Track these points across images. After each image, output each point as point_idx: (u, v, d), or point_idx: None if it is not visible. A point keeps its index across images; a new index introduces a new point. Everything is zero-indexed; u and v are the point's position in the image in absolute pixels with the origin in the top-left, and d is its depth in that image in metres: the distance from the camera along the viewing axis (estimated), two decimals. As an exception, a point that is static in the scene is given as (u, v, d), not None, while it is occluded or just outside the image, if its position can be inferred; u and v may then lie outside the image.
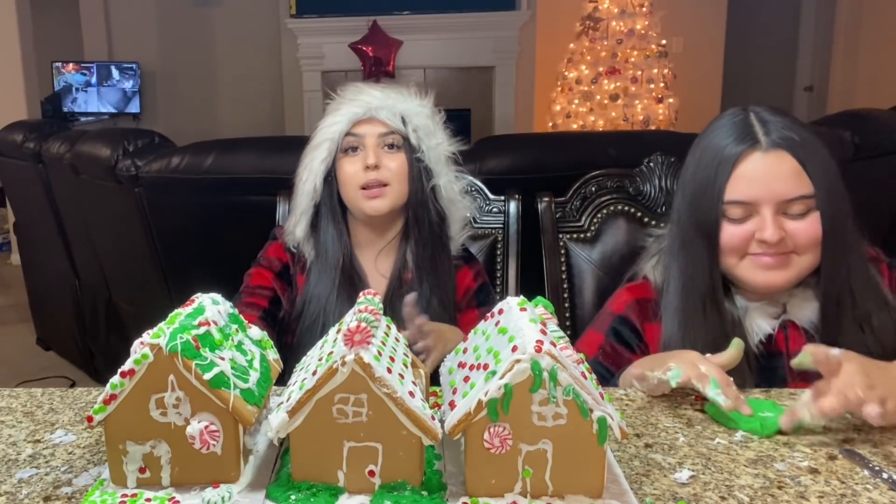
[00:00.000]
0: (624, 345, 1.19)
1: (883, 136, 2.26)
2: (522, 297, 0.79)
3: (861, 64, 5.62)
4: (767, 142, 1.06)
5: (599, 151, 2.03)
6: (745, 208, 1.06)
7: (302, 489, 0.70)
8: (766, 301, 1.12)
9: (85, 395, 1.00)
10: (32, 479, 0.78)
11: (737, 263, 1.09)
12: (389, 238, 1.38)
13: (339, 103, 1.36)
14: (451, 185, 1.37)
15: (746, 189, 1.06)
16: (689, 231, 1.12)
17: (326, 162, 1.33)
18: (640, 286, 1.22)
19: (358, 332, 0.68)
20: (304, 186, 1.35)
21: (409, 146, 1.33)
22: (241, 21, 6.21)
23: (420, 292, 1.31)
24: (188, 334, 0.71)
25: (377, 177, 1.30)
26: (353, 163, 1.32)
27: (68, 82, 6.10)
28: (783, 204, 1.05)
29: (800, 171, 1.05)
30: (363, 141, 1.32)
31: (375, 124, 1.32)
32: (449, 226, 1.38)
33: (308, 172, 1.34)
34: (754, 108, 1.10)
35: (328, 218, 1.35)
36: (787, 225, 1.05)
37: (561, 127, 5.10)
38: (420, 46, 5.89)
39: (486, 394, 0.67)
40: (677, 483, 0.76)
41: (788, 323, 1.11)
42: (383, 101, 1.33)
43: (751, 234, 1.06)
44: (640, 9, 4.96)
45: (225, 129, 6.05)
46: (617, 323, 1.20)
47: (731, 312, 1.11)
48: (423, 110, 1.36)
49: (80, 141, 2.54)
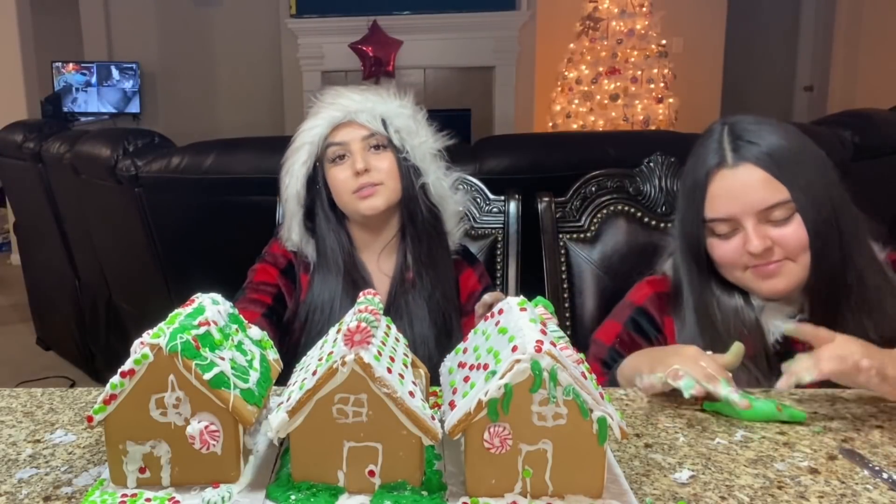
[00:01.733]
0: (642, 335, 1.21)
1: (883, 136, 2.26)
2: (522, 297, 0.79)
3: (861, 64, 5.62)
4: (733, 157, 1.09)
5: (599, 151, 2.03)
6: (728, 224, 1.10)
7: (302, 489, 0.70)
8: (782, 300, 1.13)
9: (85, 395, 1.00)
10: (32, 479, 0.78)
11: (741, 276, 1.12)
12: (388, 238, 1.39)
13: (318, 107, 1.37)
14: (440, 181, 1.37)
15: (723, 206, 1.09)
16: (682, 249, 1.17)
17: (307, 165, 1.34)
18: (660, 280, 1.25)
19: (358, 332, 0.68)
20: (288, 192, 1.35)
21: (395, 146, 1.34)
22: (241, 21, 6.21)
23: (421, 287, 1.33)
24: (188, 334, 0.71)
25: (369, 180, 1.31)
26: (343, 170, 1.32)
27: (68, 82, 6.10)
28: (762, 213, 1.08)
29: (769, 179, 1.07)
30: (349, 147, 1.32)
31: (356, 128, 1.32)
32: (444, 221, 1.38)
33: (290, 177, 1.35)
34: (730, 121, 1.14)
35: (325, 223, 1.36)
36: (773, 233, 1.08)
37: (561, 127, 5.10)
38: (420, 46, 5.89)
39: (486, 394, 0.67)
40: (677, 483, 0.76)
41: (806, 321, 1.11)
42: (362, 104, 1.33)
43: (740, 248, 1.09)
44: (640, 9, 4.96)
45: (225, 129, 6.05)
46: (636, 314, 1.23)
47: (746, 312, 1.13)
48: (403, 111, 1.36)
49: (80, 141, 2.54)
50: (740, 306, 1.13)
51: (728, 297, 1.14)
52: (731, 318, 1.13)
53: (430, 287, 1.34)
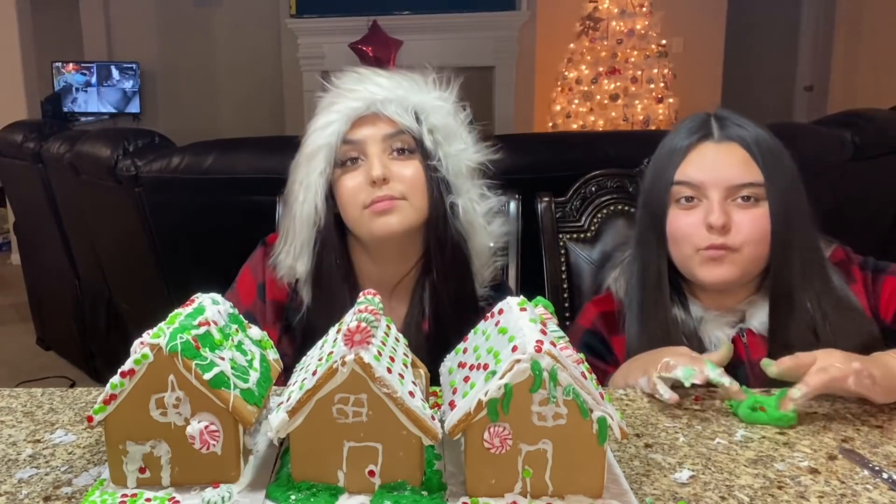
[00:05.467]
0: (597, 356, 1.19)
1: (883, 136, 2.26)
2: (522, 297, 0.79)
3: (861, 64, 5.62)
4: (720, 134, 1.10)
5: (599, 151, 2.03)
6: (694, 190, 1.09)
7: (302, 489, 0.70)
8: (723, 310, 1.13)
9: (85, 395, 1.00)
10: (32, 479, 0.78)
11: (691, 255, 1.10)
12: (403, 272, 1.10)
13: (334, 96, 1.07)
14: (473, 204, 1.08)
15: (695, 172, 1.09)
16: (644, 225, 1.16)
17: (326, 174, 1.05)
18: (603, 299, 1.24)
19: (358, 332, 0.68)
20: (301, 208, 1.06)
21: (424, 150, 1.05)
22: (241, 21, 6.21)
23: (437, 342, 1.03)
24: (188, 334, 0.71)
25: (387, 192, 1.02)
26: (355, 177, 1.04)
27: (68, 82, 6.10)
28: (731, 190, 1.07)
29: (749, 161, 1.08)
30: (364, 149, 1.04)
31: (380, 123, 1.04)
32: (470, 258, 1.09)
33: (305, 191, 1.05)
34: (717, 112, 1.15)
35: (330, 252, 1.07)
36: (734, 215, 1.07)
37: (561, 127, 5.10)
38: (420, 46, 5.89)
39: (486, 394, 0.67)
40: (677, 483, 0.76)
41: (747, 331, 1.11)
42: (391, 91, 1.05)
43: (700, 222, 1.08)
44: (640, 9, 4.96)
45: (225, 129, 6.05)
46: (587, 337, 1.22)
47: (685, 322, 1.12)
48: (443, 105, 1.08)
49: (80, 141, 2.54)
50: (682, 318, 1.13)
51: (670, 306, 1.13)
52: (671, 328, 1.11)
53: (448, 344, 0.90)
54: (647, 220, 1.15)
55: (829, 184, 2.12)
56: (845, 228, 1.23)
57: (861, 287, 1.12)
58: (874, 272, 1.13)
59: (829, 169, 2.14)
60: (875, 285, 1.12)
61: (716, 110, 1.15)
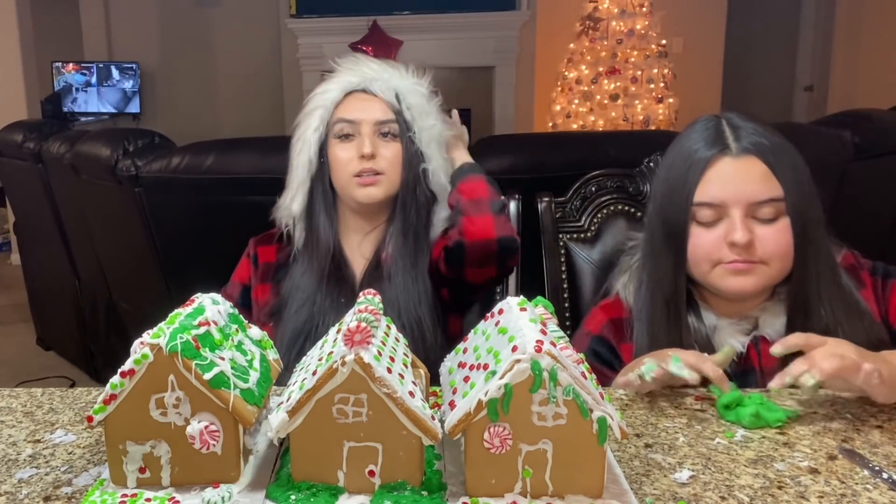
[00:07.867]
0: (604, 364, 1.17)
1: (883, 136, 2.26)
2: (522, 297, 0.79)
3: (861, 64, 5.62)
4: (737, 147, 1.07)
5: (599, 151, 2.03)
6: (715, 210, 1.07)
7: (302, 489, 0.70)
8: (737, 318, 1.12)
9: (85, 395, 1.00)
10: (32, 479, 0.78)
11: (708, 271, 1.08)
12: (377, 223, 1.37)
13: (336, 73, 1.36)
14: (442, 170, 1.35)
15: (716, 191, 1.07)
16: (658, 237, 1.13)
17: (320, 132, 1.32)
18: (612, 305, 1.22)
19: (358, 332, 0.68)
20: (298, 158, 1.33)
21: (404, 128, 1.31)
22: (241, 21, 6.21)
23: (396, 280, 1.30)
24: (188, 334, 0.71)
25: (372, 166, 1.29)
26: (347, 149, 1.30)
27: (68, 82, 6.10)
28: (752, 207, 1.05)
29: (769, 175, 1.06)
30: (359, 128, 1.30)
31: (369, 103, 1.30)
32: (436, 212, 1.36)
33: (302, 143, 1.33)
34: (726, 115, 1.12)
35: (321, 203, 1.34)
36: (757, 230, 1.05)
37: (561, 127, 5.10)
38: (420, 46, 5.89)
39: (486, 394, 0.67)
40: (677, 483, 0.76)
41: (760, 339, 1.10)
42: (379, 73, 1.32)
43: (721, 239, 1.06)
44: (640, 9, 4.96)
45: (225, 129, 6.05)
46: (595, 343, 1.20)
47: (698, 330, 1.11)
48: (418, 89, 1.34)
49: (80, 141, 2.54)
50: (695, 326, 1.11)
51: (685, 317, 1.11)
52: (684, 336, 1.09)
53: (402, 282, 1.29)
54: (664, 235, 1.12)
55: (829, 184, 2.12)
56: (845, 228, 1.23)
57: (871, 292, 1.12)
58: (884, 277, 1.13)
59: (829, 169, 2.13)
60: (885, 291, 1.12)
61: (725, 114, 1.12)
